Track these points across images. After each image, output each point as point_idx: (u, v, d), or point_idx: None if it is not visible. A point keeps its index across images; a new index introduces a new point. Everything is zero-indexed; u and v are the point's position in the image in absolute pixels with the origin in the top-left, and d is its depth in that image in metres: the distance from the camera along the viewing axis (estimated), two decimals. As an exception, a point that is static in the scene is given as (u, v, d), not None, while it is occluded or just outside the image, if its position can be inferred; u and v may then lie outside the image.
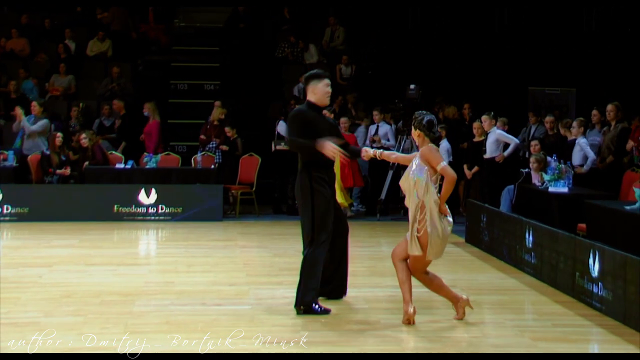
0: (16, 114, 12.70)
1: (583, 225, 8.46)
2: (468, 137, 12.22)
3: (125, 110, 13.94)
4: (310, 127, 6.31)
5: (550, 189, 9.14)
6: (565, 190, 9.11)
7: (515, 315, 6.56)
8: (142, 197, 11.82)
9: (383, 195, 12.22)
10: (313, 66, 14.94)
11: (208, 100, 14.74)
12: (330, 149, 6.17)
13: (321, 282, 6.38)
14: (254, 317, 6.20)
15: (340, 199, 9.08)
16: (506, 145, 11.39)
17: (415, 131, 6.03)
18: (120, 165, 12.52)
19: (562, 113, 13.73)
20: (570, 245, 7.01)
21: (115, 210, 11.75)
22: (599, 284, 6.40)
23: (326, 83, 6.45)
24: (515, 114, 13.61)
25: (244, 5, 16.72)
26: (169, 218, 11.82)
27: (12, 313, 6.24)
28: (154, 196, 11.82)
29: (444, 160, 5.96)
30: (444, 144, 11.69)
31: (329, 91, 6.49)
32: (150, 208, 11.82)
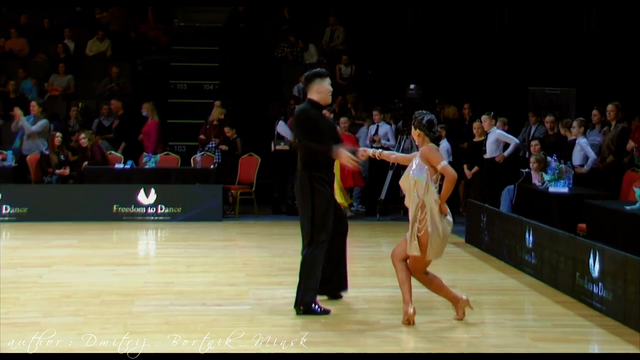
0: (15, 114, 12.68)
1: (583, 226, 8.45)
2: (468, 137, 12.20)
3: (124, 110, 13.92)
4: (315, 127, 6.32)
5: (551, 189, 9.13)
6: (565, 190, 9.10)
7: (515, 315, 6.55)
8: (142, 197, 11.80)
9: (383, 196, 12.20)
10: (313, 66, 14.89)
11: (207, 100, 14.72)
12: (347, 158, 6.24)
13: (320, 282, 6.37)
14: (254, 318, 6.19)
15: (339, 199, 9.07)
16: (506, 145, 11.38)
17: (415, 131, 6.02)
18: (119, 165, 12.49)
19: (562, 113, 13.69)
20: (571, 245, 7.00)
21: (114, 210, 11.73)
22: (599, 284, 6.39)
23: (329, 82, 6.49)
24: (516, 114, 13.59)
25: (244, 5, 16.70)
26: (169, 218, 11.80)
27: (12, 313, 6.23)
28: (153, 196, 11.81)
29: (444, 160, 5.95)
30: (444, 144, 11.68)
31: (332, 90, 6.53)
32: (149, 208, 11.80)
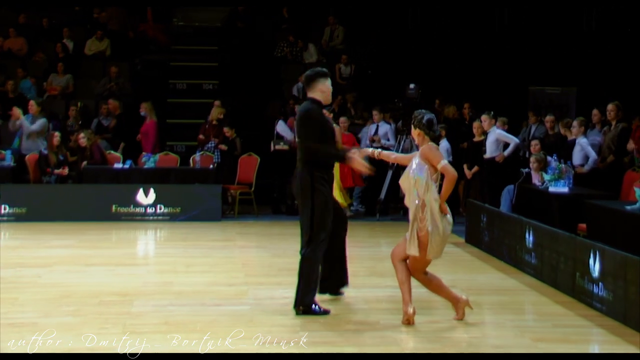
0: (13, 113, 12.63)
1: (583, 226, 8.43)
2: (468, 137, 12.16)
3: (123, 110, 13.89)
4: (322, 127, 6.33)
5: (551, 189, 9.11)
6: (565, 190, 9.08)
7: (516, 315, 6.54)
8: (141, 197, 11.78)
9: (382, 196, 12.18)
10: (312, 65, 14.85)
11: (207, 99, 14.70)
12: (360, 165, 6.27)
13: (320, 279, 6.38)
14: (253, 318, 6.17)
15: (339, 199, 9.04)
16: (506, 145, 11.35)
17: (415, 130, 6.00)
18: (118, 165, 12.47)
19: (563, 113, 13.66)
20: (571, 245, 6.99)
21: (113, 210, 11.70)
22: (600, 284, 6.38)
23: (330, 81, 6.48)
24: (516, 113, 13.57)
25: (243, 5, 16.67)
26: (168, 218, 11.77)
27: (11, 313, 6.21)
28: (152, 196, 11.78)
29: (444, 159, 5.93)
30: (444, 143, 11.65)
31: (332, 90, 6.53)
32: (148, 208, 11.78)
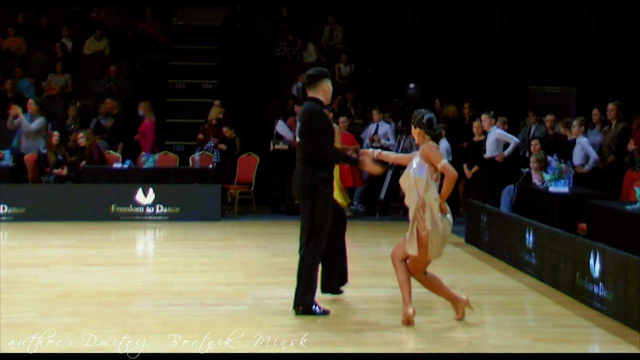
0: (11, 111, 12.56)
1: (583, 225, 8.42)
2: (468, 137, 12.13)
3: (122, 109, 13.85)
4: (330, 128, 6.34)
5: (551, 189, 9.09)
6: (565, 190, 9.06)
7: (516, 315, 6.53)
8: (140, 197, 11.75)
9: (382, 195, 12.16)
10: (312, 65, 14.84)
11: (206, 99, 14.67)
12: (372, 167, 6.29)
13: (320, 279, 6.38)
14: (253, 318, 6.16)
15: (338, 199, 9.03)
16: (506, 145, 11.32)
17: (415, 129, 5.98)
18: (117, 165, 12.44)
19: (563, 112, 13.63)
20: (571, 245, 6.97)
21: (112, 210, 11.67)
22: (600, 284, 6.37)
23: (331, 82, 6.46)
24: (516, 113, 13.55)
25: (242, 5, 16.64)
26: (167, 218, 11.74)
27: (9, 314, 6.19)
28: (151, 196, 11.75)
29: (444, 159, 5.90)
30: (444, 143, 11.61)
31: None
32: (147, 208, 11.75)
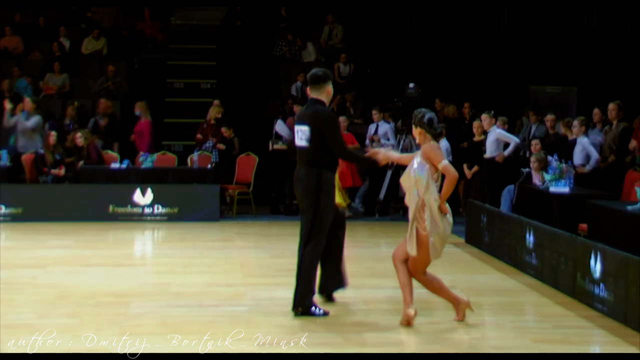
0: (6, 107, 12.49)
1: (584, 226, 8.39)
2: (468, 137, 12.09)
3: (120, 109, 13.80)
4: (341, 130, 6.40)
5: (551, 189, 9.06)
6: (566, 190, 9.03)
7: (516, 316, 6.50)
8: (138, 197, 11.71)
9: (382, 196, 12.13)
10: (311, 64, 14.82)
11: (204, 99, 14.63)
12: (387, 157, 6.34)
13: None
14: (252, 319, 6.13)
15: (338, 199, 8.98)
16: (506, 145, 11.29)
17: (416, 129, 5.95)
18: (115, 165, 12.40)
19: (563, 112, 13.59)
20: (571, 245, 6.95)
21: (110, 210, 11.64)
22: (600, 285, 6.34)
23: None
24: (516, 112, 13.52)
25: (241, 5, 16.59)
26: (165, 218, 11.71)
27: (6, 315, 6.16)
28: (149, 196, 11.71)
29: (445, 159, 5.87)
30: (444, 143, 11.57)
31: None
32: (146, 208, 11.71)
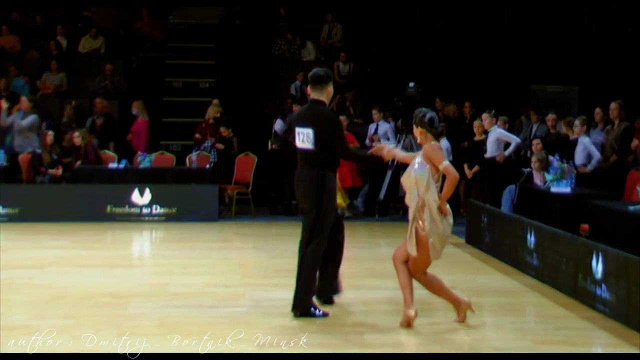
0: (2, 107, 12.44)
1: (585, 226, 8.36)
2: (469, 136, 12.04)
3: (118, 108, 13.74)
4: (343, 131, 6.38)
5: (553, 189, 9.02)
6: (567, 190, 8.99)
7: (517, 317, 6.48)
8: (136, 197, 11.66)
9: (382, 196, 12.09)
10: (310, 63, 14.79)
11: (203, 98, 14.59)
12: (390, 153, 6.28)
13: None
14: (251, 320, 6.11)
15: (338, 199, 8.94)
16: (507, 144, 11.23)
17: (417, 129, 5.94)
18: (113, 165, 12.35)
19: (565, 111, 13.55)
20: (573, 246, 6.93)
21: (108, 210, 11.58)
22: (602, 285, 6.32)
23: None
24: (517, 112, 13.48)
25: (240, 4, 16.54)
26: (164, 219, 11.66)
27: (2, 315, 6.12)
28: (148, 196, 11.66)
29: (446, 160, 5.83)
30: (444, 143, 11.51)
31: None
32: (144, 208, 11.66)
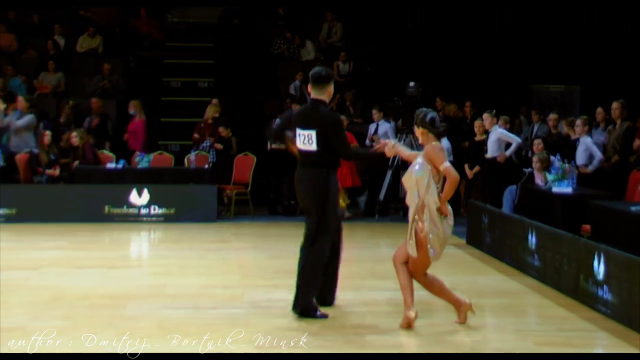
0: None
1: (587, 227, 8.32)
2: (469, 136, 12.00)
3: (116, 108, 13.70)
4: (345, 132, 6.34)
5: (554, 189, 9.00)
6: (569, 190, 8.96)
7: (518, 318, 6.45)
8: (134, 198, 11.61)
9: (382, 196, 12.05)
10: (310, 63, 14.76)
11: (202, 98, 14.54)
12: (393, 149, 6.22)
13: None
14: (250, 321, 6.08)
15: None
16: (508, 144, 11.19)
17: (418, 129, 5.91)
18: (111, 165, 12.30)
19: (566, 111, 13.51)
20: (574, 246, 6.90)
21: (106, 211, 11.53)
22: (604, 286, 6.29)
23: None
24: (518, 112, 13.44)
25: (239, 4, 16.49)
26: (162, 219, 11.62)
27: (0, 317, 6.11)
28: (146, 196, 11.62)
29: (447, 161, 5.80)
30: (445, 142, 11.47)
31: None
32: (142, 209, 11.61)
